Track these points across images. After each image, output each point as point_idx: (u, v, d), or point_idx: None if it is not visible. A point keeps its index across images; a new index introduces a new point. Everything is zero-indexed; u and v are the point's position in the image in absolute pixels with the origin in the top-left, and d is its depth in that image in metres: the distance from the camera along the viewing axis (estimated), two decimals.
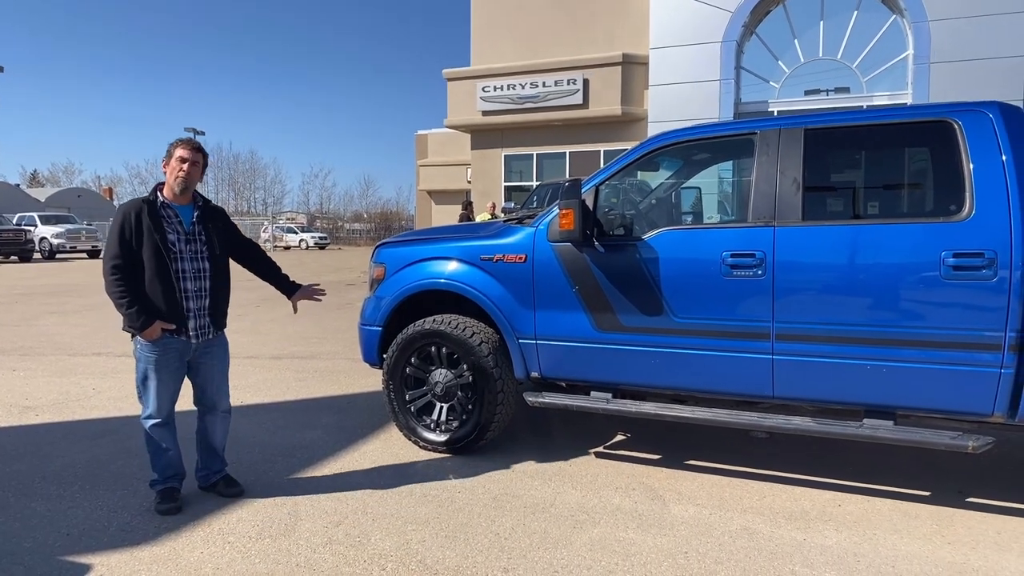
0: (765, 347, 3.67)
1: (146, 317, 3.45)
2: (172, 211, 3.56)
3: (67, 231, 28.35)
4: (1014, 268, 3.19)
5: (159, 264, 3.46)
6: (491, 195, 19.78)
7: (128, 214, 3.43)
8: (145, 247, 3.43)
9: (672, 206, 4.95)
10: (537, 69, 19.20)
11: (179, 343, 3.58)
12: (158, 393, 3.58)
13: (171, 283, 3.50)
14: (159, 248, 3.45)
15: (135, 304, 3.43)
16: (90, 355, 7.79)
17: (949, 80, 14.69)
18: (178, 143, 3.58)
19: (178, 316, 3.54)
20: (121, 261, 3.41)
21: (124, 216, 3.44)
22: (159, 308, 3.48)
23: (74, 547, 3.23)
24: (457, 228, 5.20)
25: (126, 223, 3.42)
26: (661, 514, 3.59)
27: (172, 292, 3.51)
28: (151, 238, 3.43)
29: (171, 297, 3.51)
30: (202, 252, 3.63)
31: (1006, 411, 3.30)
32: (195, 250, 3.60)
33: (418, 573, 2.99)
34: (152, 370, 3.55)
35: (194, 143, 3.63)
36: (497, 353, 4.33)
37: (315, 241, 43.94)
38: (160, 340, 3.51)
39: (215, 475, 3.86)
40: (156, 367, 3.55)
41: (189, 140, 3.63)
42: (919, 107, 3.65)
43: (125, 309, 3.44)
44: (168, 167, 3.55)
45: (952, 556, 3.13)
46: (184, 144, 3.59)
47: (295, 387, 6.30)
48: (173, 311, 3.52)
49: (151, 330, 3.46)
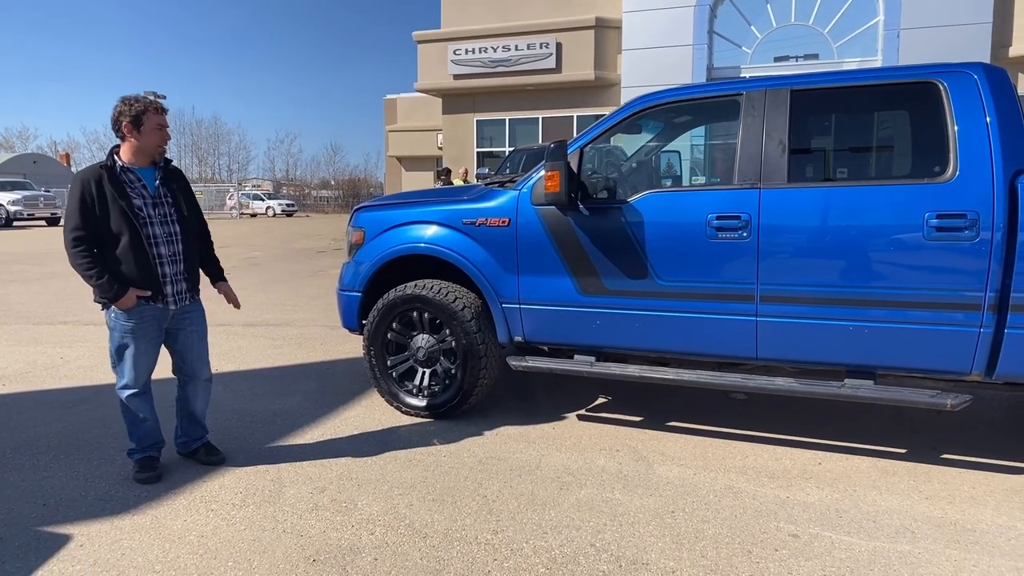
0: (750, 309, 3.68)
1: (119, 286, 3.33)
2: (134, 175, 3.40)
3: (24, 198, 27.44)
4: (995, 229, 3.23)
5: (130, 231, 3.32)
6: (463, 161, 19.56)
7: (87, 182, 3.27)
8: (112, 215, 3.29)
9: (657, 169, 4.92)
10: (509, 32, 18.91)
11: (156, 310, 3.48)
12: (135, 363, 3.48)
13: (143, 249, 3.37)
14: (126, 214, 3.30)
15: (104, 273, 3.31)
16: (56, 323, 7.58)
17: (918, 46, 14.82)
18: (148, 108, 3.37)
19: (153, 283, 3.42)
20: (84, 232, 3.27)
21: (83, 185, 3.27)
22: (132, 276, 3.36)
23: (52, 517, 3.16)
24: (438, 192, 5.11)
25: (86, 192, 3.26)
26: (646, 475, 3.62)
27: (146, 258, 3.38)
28: (116, 205, 3.29)
29: (145, 263, 3.38)
30: (171, 215, 3.50)
31: (984, 370, 3.37)
32: (163, 213, 3.46)
33: (407, 537, 2.98)
34: (130, 339, 3.44)
35: (161, 105, 3.47)
36: (480, 318, 4.29)
37: (282, 208, 43.21)
38: (136, 308, 3.40)
39: (195, 442, 3.78)
40: (133, 336, 3.44)
41: (157, 103, 3.45)
42: (904, 68, 3.64)
43: (95, 280, 3.31)
44: (140, 133, 3.35)
45: (930, 511, 3.21)
46: (158, 109, 3.42)
47: (271, 354, 6.21)
48: (148, 278, 3.40)
49: (126, 298, 3.35)
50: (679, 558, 2.80)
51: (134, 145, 3.37)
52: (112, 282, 3.32)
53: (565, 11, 18.61)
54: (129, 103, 3.35)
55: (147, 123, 3.35)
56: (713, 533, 3.01)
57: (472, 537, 2.98)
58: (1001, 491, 3.40)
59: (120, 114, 3.34)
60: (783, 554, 2.83)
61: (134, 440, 3.61)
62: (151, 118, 3.36)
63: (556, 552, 2.86)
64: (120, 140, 3.39)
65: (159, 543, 2.93)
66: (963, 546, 2.89)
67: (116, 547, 2.90)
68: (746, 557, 2.81)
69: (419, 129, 34.33)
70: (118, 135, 3.38)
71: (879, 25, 15.76)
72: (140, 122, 3.34)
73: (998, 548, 2.87)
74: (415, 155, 35.39)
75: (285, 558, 2.81)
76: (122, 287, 3.33)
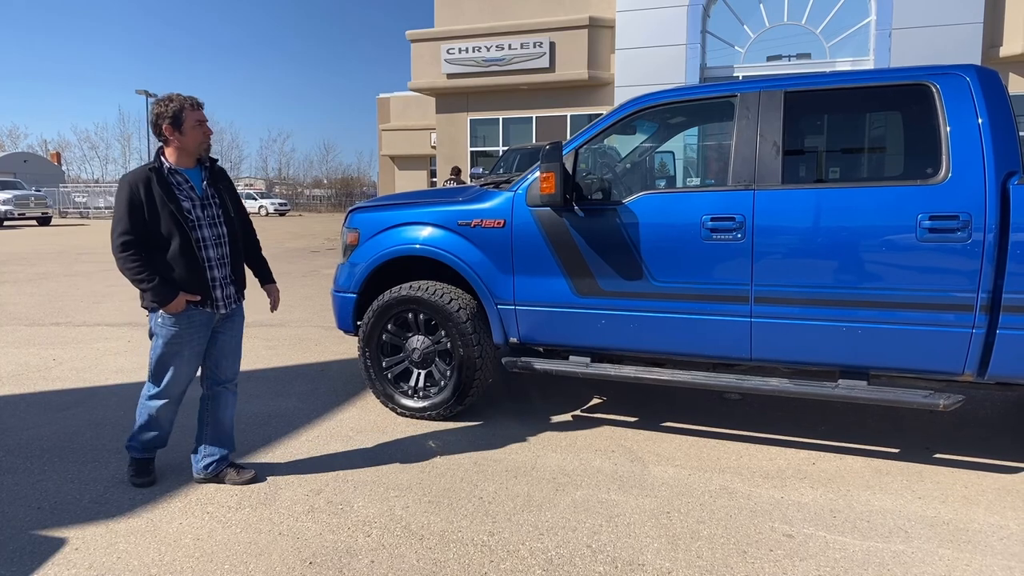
0: (744, 310, 3.70)
1: (170, 290, 3.23)
2: (181, 176, 3.30)
3: (15, 197, 27.29)
4: (987, 230, 3.25)
5: (180, 234, 3.23)
6: (456, 160, 19.54)
7: (135, 185, 3.16)
8: (161, 219, 3.19)
9: (652, 170, 4.93)
10: (502, 31, 18.88)
11: (204, 316, 3.37)
12: (177, 372, 3.37)
13: (194, 253, 3.28)
14: (175, 217, 3.21)
15: (154, 277, 3.19)
16: (48, 325, 7.54)
17: (910, 46, 14.89)
18: (184, 106, 3.25)
19: (203, 287, 3.32)
20: (132, 236, 3.16)
21: (131, 188, 3.16)
22: (182, 280, 3.26)
23: (46, 521, 3.14)
24: (433, 193, 5.11)
25: (134, 195, 3.15)
26: (642, 475, 3.63)
27: (196, 263, 3.28)
28: (165, 208, 3.19)
29: (195, 268, 3.28)
30: (218, 217, 3.41)
31: (976, 370, 3.40)
32: (212, 215, 3.37)
33: (404, 539, 2.98)
34: (176, 346, 3.32)
35: (197, 101, 3.35)
36: (475, 319, 4.29)
37: (275, 207, 43.11)
38: (184, 313, 3.29)
39: (222, 463, 3.56)
40: (180, 343, 3.33)
41: (192, 99, 3.32)
42: (897, 70, 3.67)
43: (146, 285, 3.19)
44: (182, 133, 3.25)
45: (923, 510, 3.23)
46: (194, 105, 3.30)
47: (266, 355, 6.19)
48: (198, 282, 3.30)
49: (176, 303, 3.24)
50: (675, 558, 2.82)
51: (177, 146, 3.28)
52: (163, 286, 3.21)
53: (558, 10, 18.61)
54: (164, 104, 3.25)
55: (187, 121, 3.25)
56: (708, 533, 3.02)
57: (468, 539, 2.98)
58: (993, 490, 3.42)
59: (158, 116, 3.25)
60: (778, 554, 2.84)
61: (138, 442, 3.51)
62: (189, 115, 3.26)
63: (552, 553, 2.86)
64: (163, 143, 3.30)
65: (155, 546, 2.93)
66: (956, 545, 2.91)
67: (111, 550, 2.89)
68: (741, 557, 2.82)
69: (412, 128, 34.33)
70: (160, 138, 3.29)
71: (871, 25, 15.81)
72: (180, 121, 3.24)
73: (990, 547, 2.89)
74: (408, 154, 35.38)
75: (281, 560, 2.81)
76: (172, 291, 3.23)
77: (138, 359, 6.00)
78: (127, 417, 4.46)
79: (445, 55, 19.59)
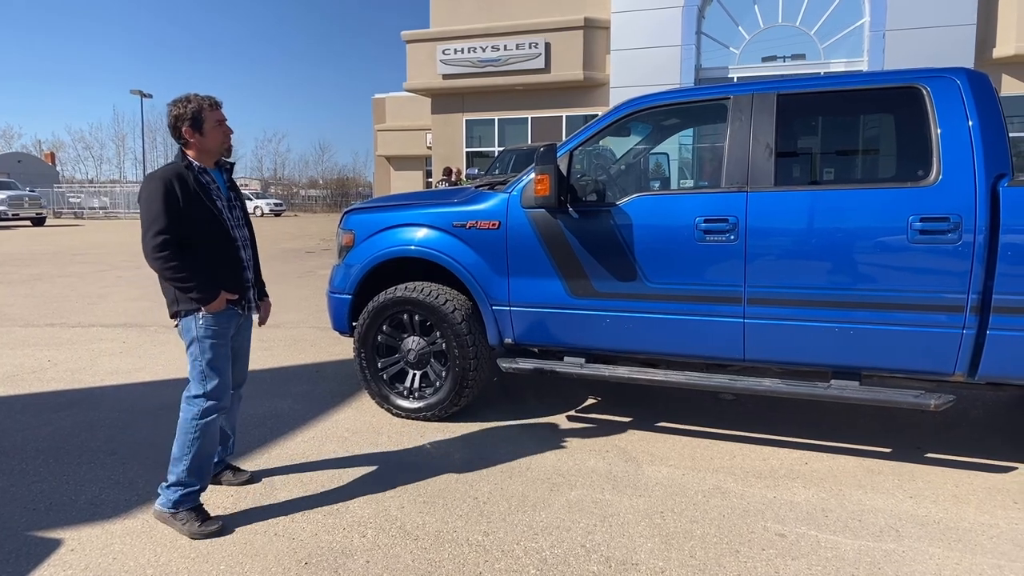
0: (737, 311, 3.72)
1: (213, 288, 3.10)
2: (210, 177, 3.20)
3: (9, 198, 27.20)
4: (978, 232, 3.28)
5: (222, 233, 3.15)
6: (452, 160, 19.56)
7: (170, 182, 3.01)
8: (197, 217, 3.06)
9: (646, 172, 4.96)
10: (498, 32, 18.92)
11: (237, 316, 3.28)
12: (227, 374, 3.21)
13: (237, 252, 3.22)
14: (216, 216, 3.12)
15: (198, 276, 3.05)
16: (43, 326, 7.53)
17: (903, 48, 14.97)
18: (203, 106, 3.13)
19: (241, 286, 3.25)
20: (169, 235, 2.98)
21: (166, 185, 3.00)
22: (224, 279, 3.16)
23: (42, 522, 3.15)
24: (428, 194, 5.12)
25: (170, 193, 2.99)
26: (635, 475, 3.65)
27: (239, 261, 3.24)
28: (203, 206, 3.08)
29: (237, 267, 3.23)
30: (242, 219, 3.33)
31: (966, 370, 3.43)
32: (238, 217, 3.30)
33: (399, 539, 3.00)
34: (223, 347, 3.19)
35: (216, 100, 3.22)
36: (470, 320, 4.31)
37: (270, 208, 43.04)
38: (223, 312, 3.17)
39: (220, 464, 3.51)
40: (226, 343, 3.20)
41: (211, 98, 3.20)
42: (889, 73, 3.70)
43: (190, 283, 3.04)
44: (203, 134, 3.12)
45: (914, 509, 3.26)
46: (212, 105, 3.17)
47: (262, 356, 6.20)
48: (238, 281, 3.23)
49: (219, 301, 3.11)
50: (668, 558, 2.84)
51: (198, 148, 3.15)
52: (207, 285, 3.07)
53: (554, 11, 18.64)
54: (182, 105, 3.12)
55: (207, 121, 3.12)
56: (701, 533, 3.04)
57: (463, 539, 3.00)
58: (983, 490, 3.46)
59: (177, 119, 3.11)
60: (770, 553, 2.87)
61: (194, 474, 3.12)
62: (209, 115, 3.13)
63: (547, 553, 2.88)
64: (182, 146, 3.16)
65: (151, 547, 2.94)
66: (946, 544, 2.94)
67: (107, 551, 2.90)
68: (734, 557, 2.85)
69: (408, 129, 34.31)
70: (180, 141, 3.16)
71: (865, 26, 15.89)
72: (200, 122, 3.11)
73: (980, 546, 2.92)
74: (404, 155, 35.36)
75: (277, 561, 2.83)
76: (215, 290, 3.11)
77: (134, 360, 6.01)
78: (122, 418, 4.48)
79: (441, 55, 19.62)
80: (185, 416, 3.15)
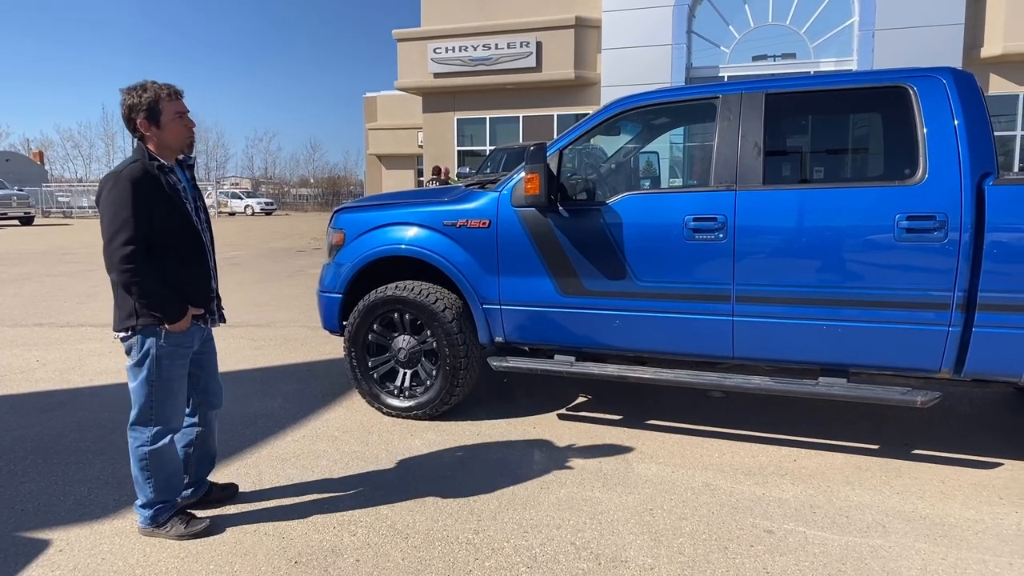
0: (726, 309, 3.74)
1: (181, 304, 2.82)
2: (177, 177, 2.89)
3: None
4: (963, 230, 3.31)
5: (194, 240, 2.89)
6: (443, 159, 19.54)
7: (138, 182, 2.69)
8: (168, 221, 2.78)
9: (636, 171, 4.97)
10: (489, 31, 18.91)
11: (200, 331, 3.00)
12: (178, 398, 2.96)
13: (206, 262, 2.95)
14: (188, 220, 2.85)
15: (167, 292, 2.78)
16: (31, 326, 7.49)
17: (893, 47, 15.05)
18: (160, 96, 2.80)
19: (207, 298, 2.99)
20: (138, 245, 2.69)
21: (135, 185, 2.68)
22: (191, 292, 2.89)
23: (30, 522, 3.14)
24: (418, 193, 5.12)
25: (141, 195, 2.69)
26: (626, 473, 3.67)
27: (207, 272, 2.97)
28: (176, 210, 2.81)
29: (205, 277, 2.96)
30: (206, 221, 3.04)
31: (952, 367, 3.46)
32: (202, 220, 3.00)
33: (389, 538, 3.00)
34: (180, 368, 2.93)
35: (176, 89, 2.88)
36: (461, 319, 4.31)
37: (261, 207, 42.90)
38: (188, 330, 2.90)
39: (203, 484, 3.28)
40: (181, 364, 2.94)
41: (170, 87, 2.86)
42: (876, 72, 3.72)
43: (157, 301, 2.75)
44: (160, 127, 2.81)
45: (901, 505, 3.29)
46: (172, 95, 2.84)
47: (252, 356, 6.18)
48: (204, 293, 2.96)
49: (186, 319, 2.85)
50: (657, 555, 2.85)
51: (156, 142, 2.83)
52: (175, 301, 2.80)
53: (545, 10, 18.64)
54: (136, 94, 2.78)
55: (165, 113, 2.80)
56: (690, 530, 3.06)
57: (453, 537, 3.01)
58: (969, 485, 3.49)
59: (131, 109, 2.78)
60: (758, 550, 2.89)
61: (162, 493, 2.97)
62: (167, 106, 2.81)
63: (537, 551, 2.89)
64: (138, 139, 2.84)
65: (139, 547, 2.93)
66: (932, 540, 2.96)
67: (96, 552, 2.89)
68: (722, 553, 2.86)
69: (399, 127, 34.26)
70: (135, 134, 2.84)
71: (854, 26, 15.98)
72: (157, 113, 2.79)
73: (965, 541, 2.95)
74: (395, 153, 35.32)
75: (267, 560, 2.82)
76: (183, 306, 2.83)
77: (122, 360, 5.96)
78: (111, 418, 4.45)
79: (432, 54, 19.59)
80: (133, 445, 2.92)
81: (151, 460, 2.92)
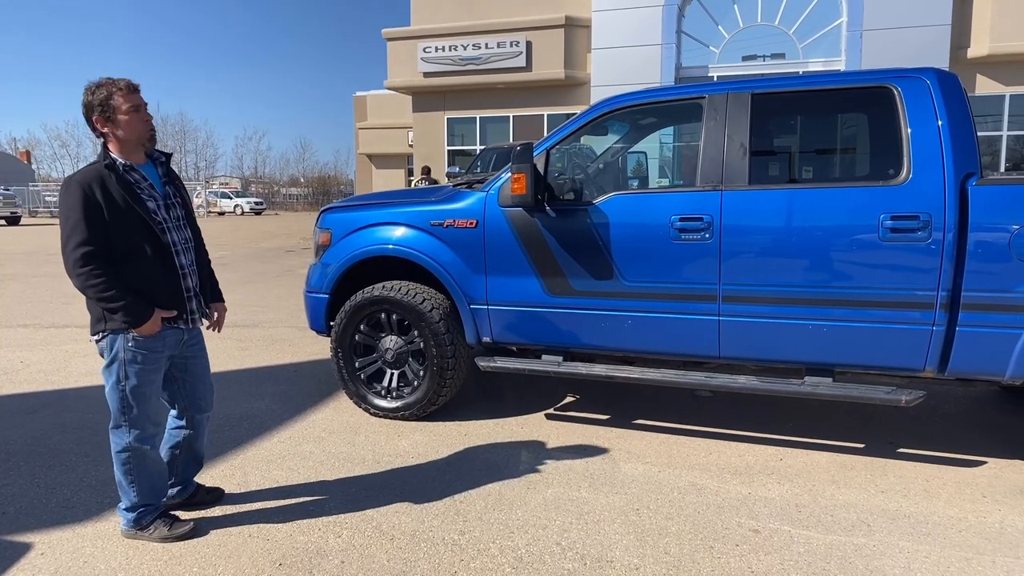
0: (712, 309, 3.75)
1: (145, 306, 2.77)
2: (139, 174, 2.85)
3: None
4: (947, 230, 3.33)
5: (151, 240, 2.80)
6: (433, 159, 19.51)
7: (88, 186, 2.67)
8: (124, 224, 2.72)
9: (623, 170, 4.98)
10: (479, 30, 18.87)
11: (176, 334, 2.94)
12: (153, 403, 2.91)
13: (172, 261, 2.87)
14: (144, 220, 2.76)
15: (126, 294, 2.72)
16: (15, 326, 7.42)
17: (880, 47, 15.14)
18: (113, 91, 2.75)
19: (179, 300, 2.91)
20: (93, 247, 2.67)
21: (84, 190, 2.67)
22: (157, 294, 2.83)
23: (11, 526, 3.11)
24: (406, 193, 5.10)
25: (89, 198, 2.67)
26: (612, 473, 3.67)
27: (174, 272, 2.89)
28: (131, 211, 2.73)
29: (172, 278, 2.88)
30: (182, 219, 2.98)
31: (936, 366, 3.48)
32: (176, 217, 2.94)
33: (375, 539, 2.99)
34: (152, 372, 2.87)
35: (132, 83, 2.81)
36: (448, 319, 4.30)
37: (251, 207, 42.72)
38: (158, 334, 2.85)
39: (191, 485, 3.27)
40: (156, 368, 2.89)
41: (124, 81, 2.80)
42: (861, 73, 3.74)
43: (118, 303, 2.71)
44: (116, 124, 2.77)
45: (885, 504, 3.30)
46: (124, 89, 2.77)
47: (238, 356, 6.15)
48: (174, 294, 2.89)
49: (153, 322, 2.79)
50: (643, 555, 2.86)
51: (117, 139, 2.80)
52: (137, 303, 2.75)
53: (535, 10, 18.63)
54: (90, 92, 2.76)
55: (119, 109, 2.76)
56: (676, 529, 3.06)
57: (439, 538, 3.00)
58: (953, 484, 3.51)
59: (88, 108, 2.78)
60: (743, 549, 2.89)
61: (147, 496, 2.96)
62: (121, 102, 2.75)
63: (522, 551, 2.89)
64: (102, 139, 2.83)
65: (122, 550, 2.90)
66: (916, 538, 2.98)
67: (78, 555, 2.87)
68: (708, 553, 2.87)
69: (390, 127, 34.13)
70: (97, 134, 2.82)
71: (843, 26, 16.05)
72: (112, 109, 2.75)
73: (949, 540, 2.97)
74: (386, 153, 35.19)
75: (251, 562, 2.81)
76: (147, 308, 2.78)
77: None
78: (95, 420, 4.42)
79: (422, 54, 19.54)
80: (114, 449, 2.92)
81: (133, 464, 2.92)
